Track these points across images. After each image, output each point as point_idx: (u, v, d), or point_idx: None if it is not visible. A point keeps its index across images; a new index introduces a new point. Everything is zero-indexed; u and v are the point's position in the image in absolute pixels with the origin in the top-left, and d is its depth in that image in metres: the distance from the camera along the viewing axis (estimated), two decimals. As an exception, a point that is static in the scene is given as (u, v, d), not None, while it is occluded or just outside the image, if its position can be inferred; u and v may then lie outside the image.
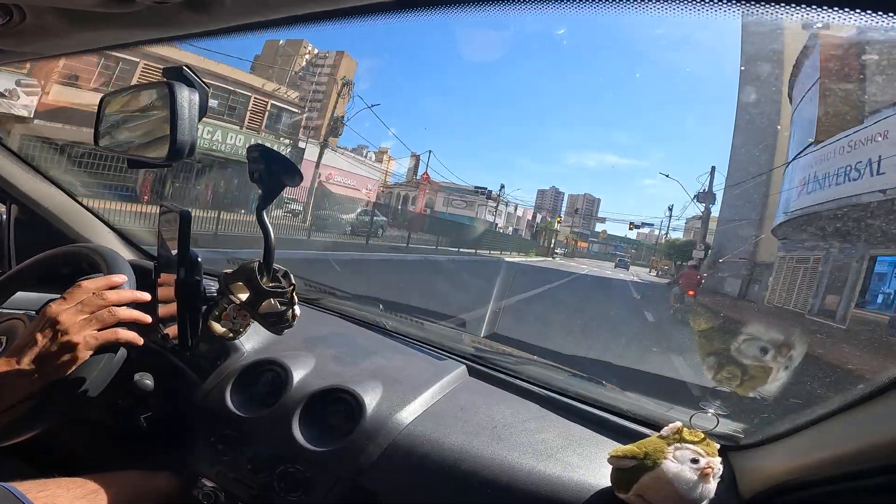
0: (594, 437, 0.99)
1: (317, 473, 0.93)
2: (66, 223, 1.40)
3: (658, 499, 0.75)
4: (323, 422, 0.98)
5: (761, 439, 0.87)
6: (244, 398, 1.04)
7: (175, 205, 1.00)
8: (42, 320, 0.76)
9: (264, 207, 0.95)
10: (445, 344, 1.33)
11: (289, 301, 0.99)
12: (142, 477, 1.01)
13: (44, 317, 0.77)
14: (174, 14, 0.55)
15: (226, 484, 0.98)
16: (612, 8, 0.43)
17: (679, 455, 0.78)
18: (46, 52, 0.80)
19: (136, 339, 0.81)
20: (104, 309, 0.79)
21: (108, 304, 0.79)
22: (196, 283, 0.99)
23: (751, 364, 2.98)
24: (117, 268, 0.92)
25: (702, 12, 0.41)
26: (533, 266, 21.38)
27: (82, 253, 1.01)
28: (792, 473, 0.74)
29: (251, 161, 0.92)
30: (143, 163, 0.88)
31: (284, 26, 0.56)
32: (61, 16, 0.61)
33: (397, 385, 1.05)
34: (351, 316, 1.45)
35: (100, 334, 0.77)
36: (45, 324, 0.75)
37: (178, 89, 0.73)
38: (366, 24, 0.52)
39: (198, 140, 0.76)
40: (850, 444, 0.65)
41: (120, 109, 0.92)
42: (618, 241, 74.24)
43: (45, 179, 1.38)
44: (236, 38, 0.66)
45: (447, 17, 0.52)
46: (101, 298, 0.79)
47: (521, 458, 0.89)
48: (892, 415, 0.60)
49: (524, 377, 1.19)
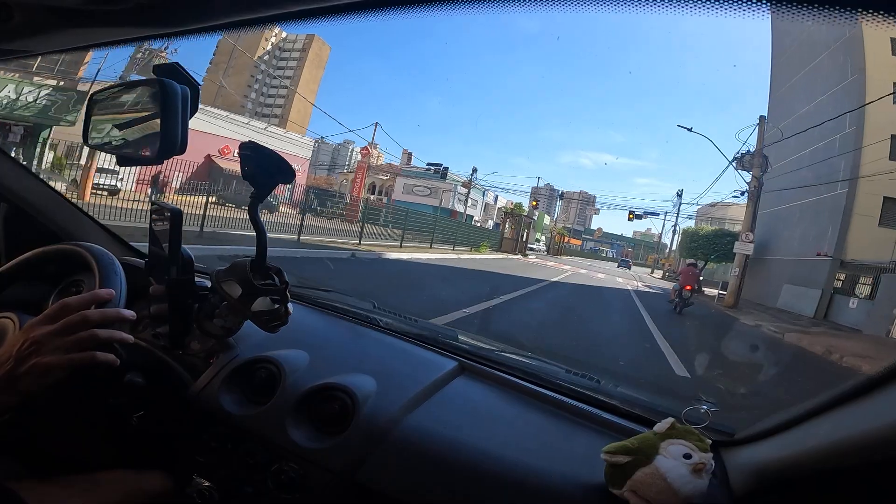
0: (587, 432, 1.00)
1: (312, 471, 0.93)
2: (56, 221, 1.39)
3: (651, 494, 0.76)
4: (317, 419, 0.98)
5: (753, 434, 0.88)
6: (237, 396, 1.03)
7: (166, 203, 0.99)
8: (20, 340, 0.75)
9: (257, 205, 0.95)
10: (439, 340, 1.33)
11: (281, 299, 0.99)
12: (135, 476, 1.01)
13: (22, 335, 0.75)
14: (164, 11, 0.55)
15: (220, 482, 0.98)
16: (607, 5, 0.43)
17: (672, 451, 0.79)
18: (35, 49, 0.79)
19: (113, 362, 0.79)
20: (85, 331, 0.77)
21: (90, 324, 0.78)
22: (188, 282, 0.99)
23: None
24: (108, 266, 0.91)
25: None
26: (459, 269, 13.92)
27: (73, 251, 1.00)
28: (784, 468, 0.74)
29: (243, 159, 0.92)
30: (134, 160, 0.87)
31: (275, 23, 0.56)
32: (50, 13, 0.60)
33: (391, 382, 1.06)
34: (344, 313, 1.45)
35: (77, 357, 0.76)
36: (23, 344, 0.74)
37: (169, 86, 0.72)
38: (361, 20, 0.52)
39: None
40: (841, 439, 0.65)
41: (109, 107, 0.91)
42: (614, 240, 72.22)
43: (34, 177, 1.37)
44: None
45: (443, 14, 0.52)
46: (83, 318, 0.78)
47: (514, 453, 0.90)
48: (883, 410, 0.61)
49: (517, 373, 1.19)
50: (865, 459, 0.61)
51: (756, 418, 0.88)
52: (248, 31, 0.61)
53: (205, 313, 1.02)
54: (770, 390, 5.22)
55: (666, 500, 0.76)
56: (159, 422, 1.06)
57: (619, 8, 0.42)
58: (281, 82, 58.30)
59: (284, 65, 52.17)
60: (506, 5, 0.47)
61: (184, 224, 0.96)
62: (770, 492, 0.77)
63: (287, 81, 58.30)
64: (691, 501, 0.76)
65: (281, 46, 48.92)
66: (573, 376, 1.24)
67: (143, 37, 0.69)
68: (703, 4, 0.39)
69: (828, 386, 0.67)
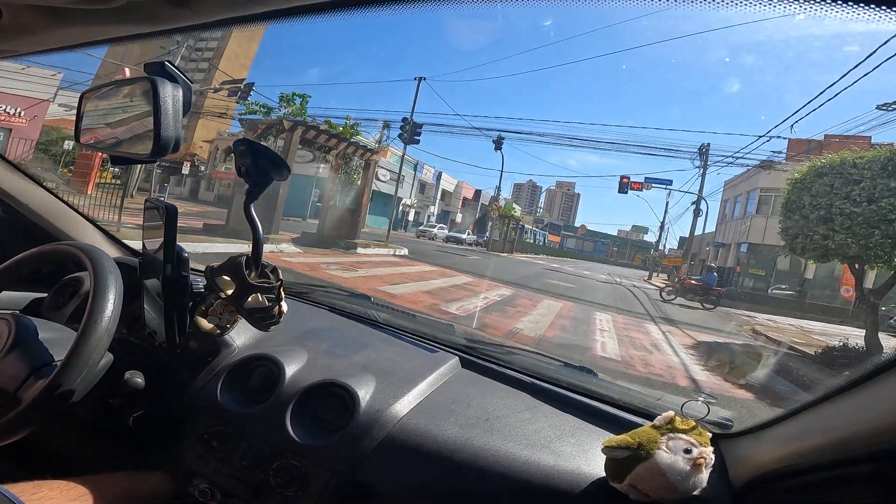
0: (587, 426, 1.00)
1: (312, 468, 0.93)
2: (50, 221, 1.38)
3: (651, 489, 0.76)
4: (316, 416, 0.98)
5: (752, 426, 0.88)
6: (236, 394, 1.03)
7: (160, 199, 0.98)
8: None
9: (252, 201, 0.95)
10: (438, 336, 1.33)
11: (276, 297, 0.98)
12: (135, 477, 1.01)
13: None
14: (154, 9, 0.54)
15: (221, 481, 0.98)
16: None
17: (672, 445, 0.79)
18: (24, 49, 0.78)
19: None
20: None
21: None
22: (183, 280, 0.98)
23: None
24: (103, 266, 0.91)
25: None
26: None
27: (67, 251, 1.00)
28: (782, 461, 0.75)
29: (238, 155, 0.91)
30: (127, 159, 0.86)
31: (267, 21, 0.55)
32: (40, 13, 0.60)
33: (390, 378, 1.06)
34: (342, 310, 1.45)
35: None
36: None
37: (161, 84, 0.71)
38: (352, 17, 0.51)
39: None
40: (839, 431, 0.66)
41: (101, 106, 0.90)
42: (598, 239, 66.91)
43: (27, 177, 1.36)
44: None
45: (436, 9, 0.51)
46: None
47: (515, 448, 0.90)
48: (879, 402, 0.61)
49: (516, 367, 1.20)
50: (863, 450, 0.61)
51: (755, 411, 0.89)
52: (229, 28, 0.61)
53: (201, 311, 1.02)
54: None
55: (666, 495, 0.76)
56: (158, 421, 1.06)
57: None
58: (203, 55, 57.36)
59: (208, 35, 49.17)
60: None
61: None
62: (769, 483, 0.77)
63: (210, 54, 57.73)
64: (691, 495, 0.76)
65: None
66: (572, 370, 1.24)
67: (134, 35, 0.68)
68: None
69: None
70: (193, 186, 34.67)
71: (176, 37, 10.96)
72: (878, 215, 6.12)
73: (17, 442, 0.79)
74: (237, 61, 58.97)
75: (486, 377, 1.17)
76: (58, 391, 0.78)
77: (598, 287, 16.57)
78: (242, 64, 60.57)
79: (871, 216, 6.16)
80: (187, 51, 34.32)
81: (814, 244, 6.84)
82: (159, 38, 0.67)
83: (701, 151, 19.29)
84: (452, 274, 11.68)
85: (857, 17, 0.37)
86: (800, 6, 0.38)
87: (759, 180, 19.16)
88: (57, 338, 0.90)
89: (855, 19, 0.37)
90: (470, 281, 10.82)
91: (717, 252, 22.97)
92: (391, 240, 16.89)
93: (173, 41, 19.46)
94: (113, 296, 0.87)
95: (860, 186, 6.30)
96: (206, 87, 30.63)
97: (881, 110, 9.25)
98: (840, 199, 6.45)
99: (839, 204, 6.45)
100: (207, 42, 60.04)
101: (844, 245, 6.42)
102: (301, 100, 17.67)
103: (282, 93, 17.71)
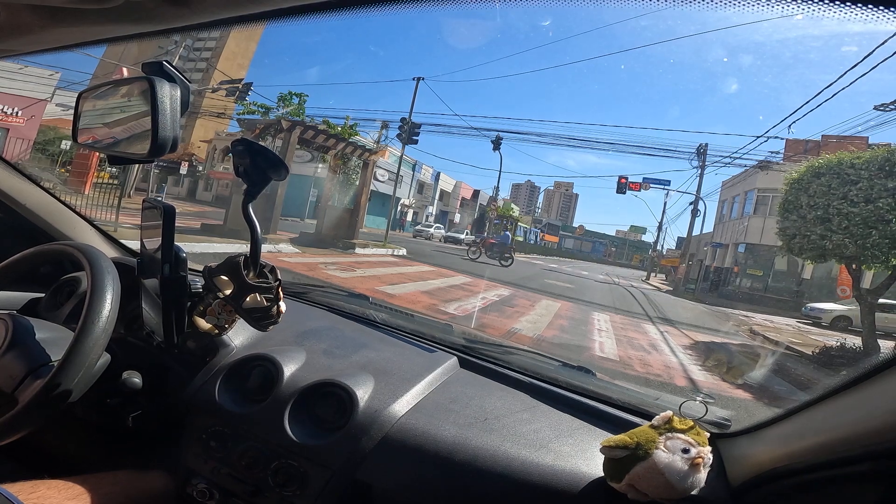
0: (585, 426, 1.00)
1: (311, 468, 0.93)
2: (48, 221, 1.38)
3: (650, 488, 0.76)
4: (315, 416, 0.98)
5: (750, 426, 0.88)
6: (234, 394, 1.03)
7: (158, 199, 0.98)
8: None
9: (250, 201, 0.95)
10: (436, 336, 1.33)
11: (274, 297, 0.98)
12: (134, 476, 1.00)
13: None
14: (153, 9, 0.53)
15: (219, 481, 0.98)
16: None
17: (670, 445, 0.79)
18: (22, 49, 0.78)
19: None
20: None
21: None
22: (181, 280, 0.98)
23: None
24: (100, 266, 0.90)
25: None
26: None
27: (65, 251, 1.00)
28: (780, 460, 0.75)
29: (236, 155, 0.91)
30: (124, 159, 0.86)
31: (265, 21, 0.55)
32: (37, 12, 0.59)
33: (389, 378, 1.05)
34: (340, 309, 1.45)
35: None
36: None
37: (159, 84, 0.71)
38: (351, 17, 0.51)
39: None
40: (837, 430, 0.66)
41: (98, 106, 0.90)
42: (596, 239, 66.97)
43: (25, 177, 1.36)
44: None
45: (435, 9, 0.51)
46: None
47: (513, 448, 0.90)
48: (876, 401, 0.61)
49: (515, 367, 1.20)
50: (861, 449, 0.61)
51: (752, 410, 0.89)
52: (228, 28, 0.61)
53: (199, 311, 1.01)
54: None
55: (664, 494, 0.76)
56: (157, 421, 1.06)
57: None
58: (201, 55, 57.27)
59: (206, 35, 48.92)
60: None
61: None
62: (767, 483, 0.77)
63: (208, 53, 57.57)
64: (689, 495, 0.76)
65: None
66: (570, 370, 1.24)
67: (132, 35, 0.68)
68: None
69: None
70: (191, 186, 34.72)
71: (174, 36, 10.95)
72: (875, 215, 6.19)
73: (15, 442, 0.79)
74: (235, 61, 59.12)
75: (485, 377, 1.17)
76: (55, 391, 0.78)
77: (596, 287, 16.60)
78: (241, 64, 60.73)
79: (868, 216, 6.24)
80: (185, 50, 33.67)
81: (811, 244, 6.88)
82: (157, 37, 0.67)
83: (699, 152, 19.46)
84: (451, 274, 11.66)
85: (855, 17, 0.37)
86: (798, 6, 0.38)
87: (756, 180, 19.23)
88: (54, 338, 0.90)
89: (853, 19, 0.37)
90: (468, 281, 10.79)
91: (714, 252, 22.99)
92: (389, 240, 16.82)
93: (171, 41, 19.24)
94: (110, 296, 0.87)
95: (857, 187, 6.37)
96: (204, 87, 30.49)
97: (878, 111, 9.20)
98: (837, 200, 6.51)
99: (837, 204, 6.50)
100: (206, 42, 60.22)
101: (842, 245, 6.47)
102: (299, 99, 17.65)
103: (280, 93, 17.58)
